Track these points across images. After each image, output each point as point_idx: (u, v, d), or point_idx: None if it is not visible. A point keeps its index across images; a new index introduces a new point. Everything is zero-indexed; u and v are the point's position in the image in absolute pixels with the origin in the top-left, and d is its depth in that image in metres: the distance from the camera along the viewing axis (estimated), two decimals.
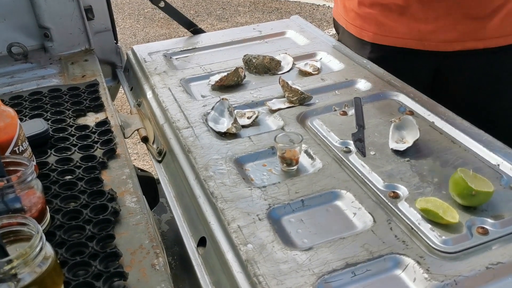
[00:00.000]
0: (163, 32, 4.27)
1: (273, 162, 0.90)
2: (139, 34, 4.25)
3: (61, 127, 1.01)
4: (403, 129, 0.93)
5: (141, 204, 0.81)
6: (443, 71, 1.21)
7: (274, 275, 0.66)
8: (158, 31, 4.29)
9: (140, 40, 4.11)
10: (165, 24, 4.41)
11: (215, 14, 4.58)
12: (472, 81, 1.20)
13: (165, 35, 4.20)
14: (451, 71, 1.20)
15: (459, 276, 0.64)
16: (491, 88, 1.20)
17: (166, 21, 4.44)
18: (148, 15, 4.66)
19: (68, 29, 1.37)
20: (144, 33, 4.27)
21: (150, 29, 4.34)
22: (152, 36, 4.18)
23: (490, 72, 1.18)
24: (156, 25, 4.42)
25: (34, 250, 0.56)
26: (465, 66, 1.17)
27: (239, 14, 4.55)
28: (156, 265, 0.69)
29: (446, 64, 1.19)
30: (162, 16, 4.58)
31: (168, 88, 1.16)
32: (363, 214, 0.76)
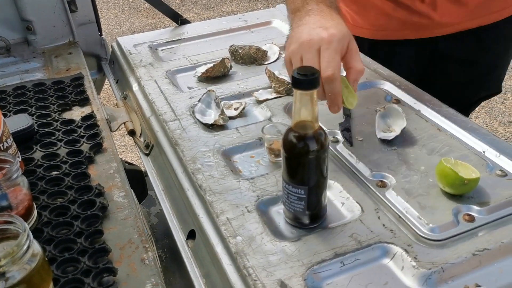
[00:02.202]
0: (148, 22, 4.23)
1: (261, 153, 0.90)
2: (124, 24, 4.20)
3: (46, 122, 1.00)
4: (389, 117, 0.94)
5: (129, 198, 0.81)
6: (437, 55, 1.22)
7: (263, 266, 0.66)
8: (143, 21, 4.25)
9: (125, 31, 4.06)
10: (151, 14, 4.36)
11: (201, 3, 4.55)
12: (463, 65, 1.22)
13: (150, 25, 4.16)
14: (443, 58, 1.22)
15: (446, 264, 0.65)
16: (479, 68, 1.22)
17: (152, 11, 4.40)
18: (133, 5, 4.61)
19: (51, 22, 1.35)
20: (129, 23, 4.23)
21: (136, 19, 4.29)
22: (138, 27, 4.14)
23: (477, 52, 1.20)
24: (141, 15, 4.37)
25: (21, 248, 0.55)
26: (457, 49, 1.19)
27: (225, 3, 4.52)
28: (146, 259, 0.69)
29: (439, 50, 1.20)
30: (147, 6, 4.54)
31: (154, 80, 1.15)
32: (351, 204, 0.76)
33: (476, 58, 1.21)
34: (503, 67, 1.28)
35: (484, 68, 1.23)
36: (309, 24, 0.81)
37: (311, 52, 0.77)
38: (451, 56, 1.21)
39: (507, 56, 1.26)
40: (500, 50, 1.23)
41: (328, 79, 0.76)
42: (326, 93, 0.78)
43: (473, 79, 1.24)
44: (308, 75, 0.63)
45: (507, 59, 1.26)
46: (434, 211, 0.73)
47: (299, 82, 0.63)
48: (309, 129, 0.67)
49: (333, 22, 0.81)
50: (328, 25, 0.79)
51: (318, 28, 0.79)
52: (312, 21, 0.82)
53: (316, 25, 0.80)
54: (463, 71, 1.23)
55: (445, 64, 1.23)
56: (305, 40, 0.78)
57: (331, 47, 0.77)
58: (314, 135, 0.67)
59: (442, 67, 1.24)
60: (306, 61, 0.78)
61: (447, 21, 1.14)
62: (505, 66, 1.28)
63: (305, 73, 0.63)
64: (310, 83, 0.63)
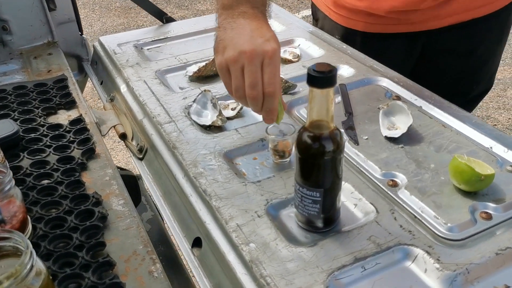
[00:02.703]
0: (120, 21, 4.13)
1: (264, 155, 0.86)
2: (96, 24, 4.10)
3: (31, 127, 0.94)
4: (392, 114, 0.92)
5: (130, 206, 0.76)
6: (429, 48, 1.21)
7: (282, 275, 0.62)
8: (115, 20, 4.15)
9: (97, 31, 3.96)
10: (122, 13, 4.27)
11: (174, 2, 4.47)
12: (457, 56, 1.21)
13: (123, 24, 4.07)
14: (436, 51, 1.21)
15: (470, 264, 0.62)
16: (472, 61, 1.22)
17: (124, 10, 4.30)
18: (103, 4, 4.50)
19: (28, 21, 1.28)
20: (100, 23, 4.12)
21: (107, 19, 4.19)
22: (110, 26, 4.04)
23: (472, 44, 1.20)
24: (113, 15, 4.27)
25: (24, 268, 0.51)
26: (450, 42, 1.18)
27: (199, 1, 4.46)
28: (154, 272, 0.65)
29: (432, 43, 1.19)
30: (119, 5, 4.44)
31: (144, 80, 1.10)
32: (364, 205, 0.74)
33: (468, 50, 1.21)
34: (495, 59, 1.28)
35: (477, 61, 1.23)
36: (245, 29, 0.76)
37: (255, 65, 0.72)
38: (443, 49, 1.21)
39: (499, 48, 1.26)
40: (492, 42, 1.23)
41: (269, 95, 0.73)
42: (264, 108, 0.75)
43: (465, 71, 1.24)
44: (325, 73, 0.60)
45: (498, 50, 1.27)
46: (450, 210, 0.71)
47: (316, 80, 0.60)
48: (325, 129, 0.64)
49: (271, 33, 0.76)
50: (268, 36, 0.75)
51: (259, 38, 0.74)
52: (249, 27, 0.76)
53: (256, 34, 0.75)
54: (456, 63, 1.23)
55: (437, 57, 1.23)
56: (247, 51, 0.72)
57: (273, 62, 0.73)
58: (330, 135, 0.64)
59: (434, 60, 1.24)
60: (249, 73, 0.73)
61: (440, 15, 1.14)
62: (497, 58, 1.29)
63: (322, 70, 0.60)
64: (328, 80, 0.60)
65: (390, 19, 1.16)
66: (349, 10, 1.20)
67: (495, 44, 1.25)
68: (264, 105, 0.75)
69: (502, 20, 1.21)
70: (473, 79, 1.26)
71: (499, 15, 1.18)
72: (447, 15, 1.14)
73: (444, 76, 1.25)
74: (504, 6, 1.17)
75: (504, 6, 1.18)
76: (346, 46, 1.20)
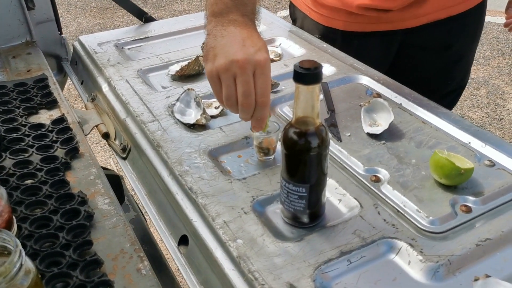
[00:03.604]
0: (96, 22, 4.09)
1: (248, 152, 0.87)
2: (71, 24, 4.04)
3: (13, 127, 0.93)
4: (374, 112, 0.94)
5: (115, 205, 0.76)
6: (406, 46, 1.24)
7: (269, 269, 0.63)
8: (91, 21, 4.10)
9: (72, 31, 3.91)
10: (98, 14, 4.22)
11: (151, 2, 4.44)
12: (433, 52, 1.24)
13: (99, 25, 4.02)
14: (413, 47, 1.23)
15: (452, 255, 0.64)
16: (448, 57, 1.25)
17: (99, 10, 4.26)
18: (79, 4, 4.45)
19: (6, 20, 1.26)
20: (76, 23, 4.07)
21: (83, 19, 4.14)
22: (86, 27, 4.00)
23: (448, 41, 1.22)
24: (88, 15, 4.22)
25: (14, 266, 0.50)
26: (427, 38, 1.21)
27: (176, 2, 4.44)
28: (142, 269, 0.65)
29: (409, 40, 1.22)
30: (95, 5, 4.39)
31: (126, 80, 1.09)
32: (348, 200, 0.75)
33: (444, 47, 1.24)
34: (470, 55, 1.32)
35: (452, 56, 1.26)
36: (236, 37, 0.75)
37: (248, 75, 0.72)
38: (420, 46, 1.24)
39: (474, 44, 1.30)
40: (467, 39, 1.26)
41: (262, 105, 0.74)
42: (255, 116, 0.75)
43: (441, 67, 1.27)
44: (311, 69, 0.61)
45: (473, 46, 1.30)
46: (432, 204, 0.73)
47: (302, 77, 0.61)
48: (311, 125, 0.65)
49: (262, 42, 0.76)
50: (259, 45, 0.75)
51: (251, 47, 0.74)
52: (240, 35, 0.76)
53: (248, 43, 0.74)
54: (432, 59, 1.26)
55: (414, 53, 1.25)
56: (239, 60, 0.72)
57: (265, 73, 0.73)
58: (316, 131, 0.65)
59: (411, 56, 1.26)
60: (242, 83, 0.72)
61: (417, 13, 1.16)
62: (472, 54, 1.32)
63: (308, 67, 0.61)
64: (314, 77, 0.61)
65: (368, 17, 1.18)
66: (329, 9, 1.21)
67: (470, 40, 1.28)
68: (255, 114, 0.75)
69: (476, 16, 1.25)
70: (448, 75, 1.29)
71: (474, 12, 1.21)
72: (424, 14, 1.17)
73: (421, 72, 1.28)
74: (478, 3, 1.21)
75: (479, 3, 1.21)
76: (326, 45, 1.22)
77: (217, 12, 0.80)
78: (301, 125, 0.65)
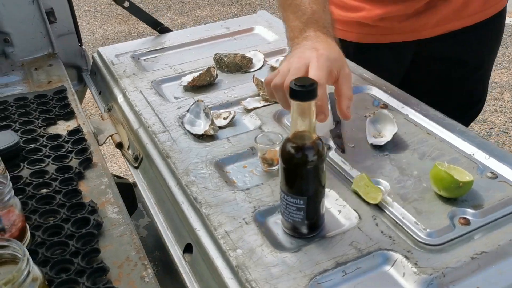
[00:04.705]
0: (122, 28, 4.18)
1: (253, 163, 0.90)
2: (97, 31, 4.15)
3: (32, 137, 0.98)
4: (379, 123, 0.95)
5: (124, 214, 0.80)
6: (420, 57, 1.23)
7: (266, 279, 0.66)
8: (116, 27, 4.20)
9: (98, 38, 4.01)
10: (124, 21, 4.32)
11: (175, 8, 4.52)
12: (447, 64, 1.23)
13: (124, 31, 4.11)
14: (426, 59, 1.23)
15: (446, 268, 0.65)
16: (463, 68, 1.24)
17: (125, 17, 4.35)
18: (105, 11, 4.55)
19: (30, 34, 1.32)
20: (102, 30, 4.17)
21: (109, 26, 4.24)
22: (111, 33, 4.09)
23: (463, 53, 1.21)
24: (114, 22, 4.32)
25: (21, 274, 0.54)
26: (441, 50, 1.21)
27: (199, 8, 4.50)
28: (146, 277, 0.68)
29: (423, 51, 1.21)
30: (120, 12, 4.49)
31: (140, 91, 1.13)
32: (348, 212, 0.77)
33: (459, 58, 1.23)
34: (487, 67, 1.29)
35: (468, 68, 1.25)
36: (303, 47, 0.85)
37: (299, 63, 0.80)
38: (434, 57, 1.23)
39: (491, 56, 1.28)
40: (483, 50, 1.24)
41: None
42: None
43: (456, 79, 1.26)
44: (306, 86, 0.63)
45: (491, 59, 1.28)
46: (430, 216, 0.74)
47: (296, 93, 0.63)
48: (307, 140, 0.67)
49: (326, 45, 0.84)
50: (319, 47, 0.83)
51: (310, 49, 0.82)
52: (307, 44, 0.85)
53: (309, 47, 0.83)
54: (446, 71, 1.25)
55: (428, 64, 1.26)
56: (295, 57, 0.82)
57: (319, 63, 0.79)
58: (312, 145, 0.67)
59: (425, 68, 1.26)
60: (294, 70, 0.79)
61: (431, 24, 1.16)
62: (489, 66, 1.30)
63: (303, 84, 0.63)
64: (308, 94, 0.63)
65: (382, 29, 1.19)
66: (342, 22, 1.23)
67: (487, 52, 1.27)
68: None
69: (494, 27, 1.23)
70: (464, 88, 1.28)
71: (491, 23, 1.20)
72: (437, 24, 1.17)
73: (434, 84, 1.27)
74: (496, 13, 1.19)
75: (496, 13, 1.19)
76: None
77: (293, 36, 0.91)
78: (298, 139, 0.67)
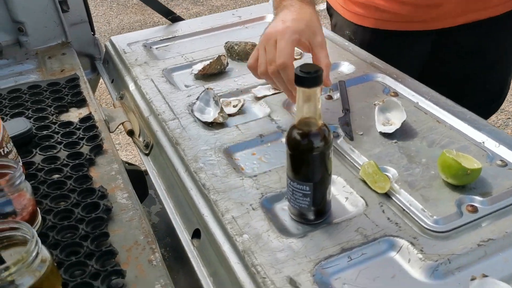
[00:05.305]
0: (137, 18, 4.20)
1: (262, 150, 0.90)
2: (113, 21, 4.17)
3: (44, 124, 0.99)
4: (388, 111, 0.94)
5: (133, 199, 0.81)
6: (440, 47, 1.20)
7: (271, 264, 0.66)
8: (132, 17, 4.22)
9: (114, 28, 4.03)
10: (139, 10, 4.33)
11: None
12: (467, 55, 1.20)
13: (139, 21, 4.13)
14: (447, 47, 1.19)
15: (452, 255, 0.65)
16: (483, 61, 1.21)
17: (140, 7, 4.37)
18: (121, 1, 4.58)
19: (43, 23, 1.34)
20: (118, 20, 4.20)
21: (124, 16, 4.26)
22: (127, 23, 4.11)
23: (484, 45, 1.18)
24: (130, 12, 4.34)
25: (30, 255, 0.55)
26: (462, 41, 1.18)
27: None
28: (153, 260, 0.69)
29: (444, 41, 1.18)
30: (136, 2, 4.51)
31: (151, 79, 1.14)
32: (355, 198, 0.77)
33: (480, 50, 1.19)
34: (508, 62, 1.25)
35: (488, 62, 1.21)
36: (275, 20, 0.89)
37: (270, 44, 0.85)
38: (454, 48, 1.20)
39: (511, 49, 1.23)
40: (505, 43, 1.20)
41: (280, 67, 0.83)
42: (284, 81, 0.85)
43: (475, 71, 1.22)
44: (311, 73, 0.63)
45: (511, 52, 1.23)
46: (438, 203, 0.74)
47: (301, 80, 0.64)
48: (313, 126, 0.67)
49: (295, 15, 0.87)
50: (287, 19, 0.86)
51: (279, 21, 0.87)
52: (278, 16, 0.89)
53: (278, 20, 0.88)
54: (466, 63, 1.21)
55: (447, 56, 1.21)
56: (266, 33, 0.87)
57: (284, 38, 0.83)
58: (318, 132, 0.67)
59: (444, 59, 1.22)
60: (268, 52, 0.85)
61: (454, 12, 1.12)
62: (510, 60, 1.25)
63: (308, 71, 0.63)
64: (313, 80, 0.63)
65: (401, 16, 1.15)
66: (360, 5, 1.21)
67: (508, 45, 1.22)
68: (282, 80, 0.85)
69: None
70: (483, 81, 1.24)
71: None
72: (461, 14, 1.12)
73: (453, 75, 1.23)
74: None
75: None
76: (348, 43, 1.23)
77: (276, 5, 0.94)
78: (304, 126, 0.67)
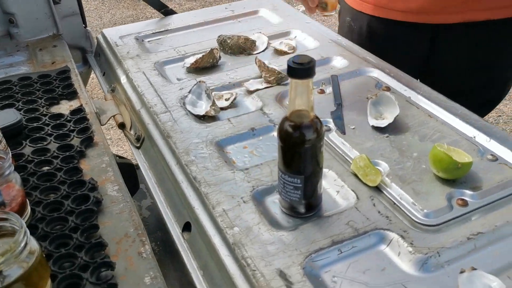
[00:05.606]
0: (130, 13, 4.17)
1: (254, 143, 0.90)
2: (105, 16, 4.14)
3: (34, 116, 0.98)
4: (380, 105, 0.94)
5: (123, 192, 0.80)
6: (439, 44, 1.18)
7: (262, 256, 0.66)
8: (124, 12, 4.19)
9: (106, 22, 4.01)
10: (131, 5, 4.31)
11: None
12: (467, 54, 1.17)
13: (132, 16, 4.11)
14: (446, 45, 1.17)
15: (441, 248, 0.66)
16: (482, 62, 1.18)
17: (133, 2, 4.34)
18: None
19: (34, 14, 1.33)
20: (110, 15, 4.17)
21: (117, 11, 4.23)
22: (119, 18, 4.09)
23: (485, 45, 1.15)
24: (122, 6, 4.31)
25: (19, 245, 0.55)
26: (462, 38, 1.15)
27: None
28: (143, 252, 0.69)
29: (442, 37, 1.16)
30: None
31: (143, 72, 1.14)
32: (346, 192, 0.77)
33: (478, 51, 1.16)
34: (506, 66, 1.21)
35: (485, 62, 1.18)
36: None
37: None
38: (452, 45, 1.16)
39: None
40: (503, 52, 1.17)
41: None
42: None
43: (472, 72, 1.19)
44: (304, 64, 0.63)
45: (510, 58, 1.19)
46: (428, 197, 0.74)
47: (294, 71, 0.63)
48: (305, 118, 0.67)
49: None
50: None
51: None
52: None
53: None
54: (462, 61, 1.18)
55: (445, 53, 1.18)
56: None
57: None
58: (310, 124, 0.67)
59: (441, 56, 1.19)
60: None
61: (452, 9, 1.10)
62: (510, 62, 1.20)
63: (301, 62, 0.63)
64: (306, 71, 0.63)
65: (399, 4, 1.13)
66: None
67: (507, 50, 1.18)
68: None
69: None
70: (483, 81, 1.21)
71: None
72: (457, 11, 1.10)
73: (452, 75, 1.21)
74: None
75: None
76: (341, 38, 1.23)
77: None
78: (296, 118, 0.67)
